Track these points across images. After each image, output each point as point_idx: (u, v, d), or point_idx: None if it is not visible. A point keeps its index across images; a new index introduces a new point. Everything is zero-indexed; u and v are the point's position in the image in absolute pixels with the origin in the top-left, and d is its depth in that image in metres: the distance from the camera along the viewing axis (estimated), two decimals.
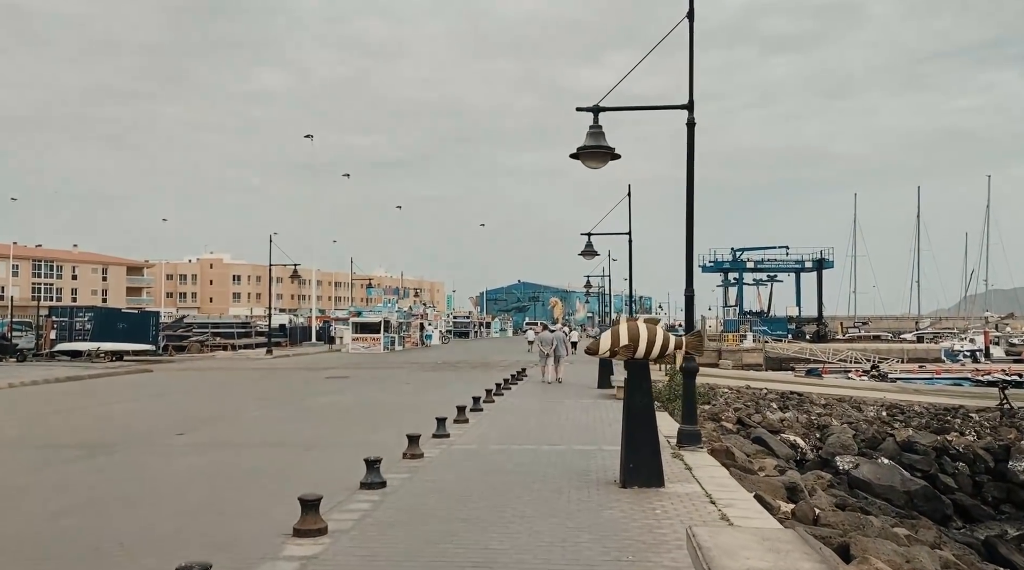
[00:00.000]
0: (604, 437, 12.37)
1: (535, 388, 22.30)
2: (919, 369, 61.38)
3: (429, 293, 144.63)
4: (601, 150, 11.18)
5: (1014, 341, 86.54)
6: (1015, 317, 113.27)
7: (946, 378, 56.84)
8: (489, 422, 14.31)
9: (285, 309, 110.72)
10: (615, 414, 15.57)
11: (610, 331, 8.72)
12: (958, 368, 61.83)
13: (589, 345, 8.97)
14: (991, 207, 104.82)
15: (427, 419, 14.16)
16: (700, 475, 9.18)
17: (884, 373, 57.84)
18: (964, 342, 78.06)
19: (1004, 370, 58.28)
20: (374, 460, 8.54)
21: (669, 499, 7.93)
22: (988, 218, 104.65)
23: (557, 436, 12.55)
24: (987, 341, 78.63)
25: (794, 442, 18.14)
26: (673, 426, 14.28)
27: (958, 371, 60.12)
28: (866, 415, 22.72)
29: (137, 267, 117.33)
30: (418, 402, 18.58)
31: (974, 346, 76.79)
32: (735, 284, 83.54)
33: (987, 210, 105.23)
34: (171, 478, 9.35)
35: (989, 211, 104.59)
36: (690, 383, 11.23)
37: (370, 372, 30.15)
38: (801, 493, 10.48)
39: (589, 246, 26.27)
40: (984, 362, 67.97)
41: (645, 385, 8.60)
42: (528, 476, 9.14)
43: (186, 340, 50.77)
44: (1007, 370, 58.20)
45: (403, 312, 57.02)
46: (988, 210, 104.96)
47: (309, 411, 16.89)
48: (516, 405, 17.35)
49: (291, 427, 13.99)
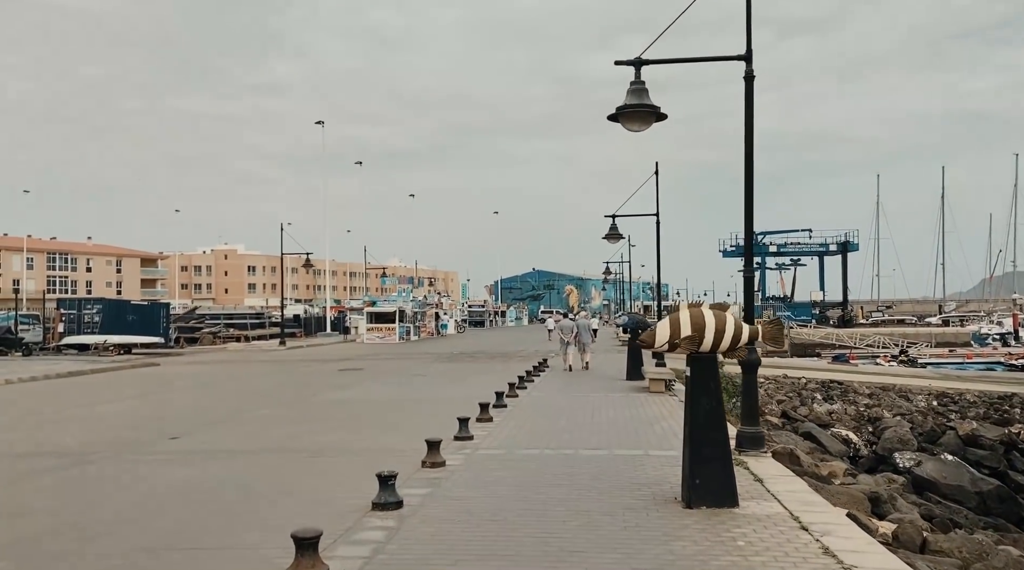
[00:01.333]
0: (648, 439, 10.91)
1: (559, 380, 20.87)
2: (949, 354, 59.53)
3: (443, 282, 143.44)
4: (644, 109, 9.68)
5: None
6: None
7: (978, 363, 55.00)
8: (515, 421, 12.89)
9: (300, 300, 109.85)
10: (654, 410, 14.13)
11: (668, 319, 7.24)
12: (989, 352, 59.89)
13: (643, 336, 7.50)
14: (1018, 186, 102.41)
15: (446, 417, 12.77)
16: (775, 489, 7.70)
17: (913, 358, 56.05)
18: (993, 325, 76.03)
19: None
20: (388, 476, 7.12)
21: (748, 523, 6.48)
22: (1016, 197, 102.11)
23: (594, 438, 11.10)
24: (1016, 324, 76.51)
25: (846, 437, 16.63)
26: None
27: (989, 355, 58.21)
28: (916, 405, 21.14)
29: (151, 259, 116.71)
30: (436, 396, 17.21)
31: (1003, 329, 74.72)
32: (757, 268, 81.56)
33: (1014, 189, 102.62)
34: (148, 497, 7.99)
35: (1017, 190, 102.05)
36: (751, 378, 9.74)
37: (385, 363, 28.83)
38: (885, 504, 9.01)
39: (614, 229, 24.75)
40: (1015, 345, 65.96)
41: (713, 385, 7.12)
42: (570, 491, 7.71)
43: (198, 332, 49.74)
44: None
45: (418, 301, 55.66)
46: (1016, 189, 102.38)
47: (319, 409, 15.54)
48: (542, 400, 15.93)
49: (297, 429, 12.63)
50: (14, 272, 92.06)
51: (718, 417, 7.07)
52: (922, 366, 52.24)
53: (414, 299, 55.09)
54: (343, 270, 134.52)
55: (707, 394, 7.08)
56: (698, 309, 7.20)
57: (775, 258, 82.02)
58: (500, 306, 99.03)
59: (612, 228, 24.57)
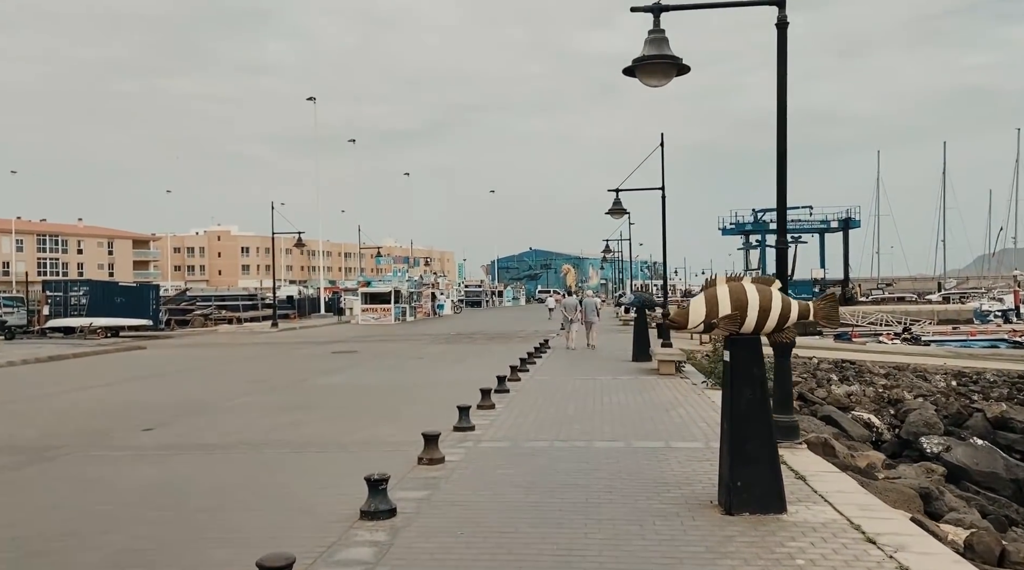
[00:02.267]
0: (667, 429, 9.94)
1: (562, 361, 19.91)
2: (952, 331, 58.85)
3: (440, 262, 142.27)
4: (664, 62, 8.61)
5: None
6: None
7: (981, 340, 54.26)
8: (519, 407, 11.92)
9: (295, 281, 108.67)
10: (667, 395, 13.16)
11: (703, 296, 6.23)
12: (993, 329, 59.19)
13: (673, 316, 6.48)
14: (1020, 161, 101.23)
15: (445, 403, 11.80)
16: (823, 489, 6.73)
17: (917, 336, 55.26)
18: (994, 302, 75.49)
19: None
20: (378, 479, 6.13)
21: (803, 535, 5.50)
22: (1017, 173, 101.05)
23: (608, 427, 10.13)
24: (1017, 300, 75.95)
25: (868, 420, 15.70)
26: None
27: (993, 332, 57.52)
28: (936, 386, 20.22)
29: (143, 241, 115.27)
30: (433, 380, 16.22)
31: (1004, 305, 74.23)
32: (757, 246, 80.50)
33: (1016, 165, 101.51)
34: (105, 503, 6.98)
35: (1018, 166, 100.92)
36: (785, 362, 8.76)
37: (380, 345, 27.84)
38: (937, 501, 8.05)
39: (617, 203, 23.71)
40: (1017, 322, 65.31)
41: (757, 372, 6.12)
42: (589, 494, 6.73)
43: (189, 314, 48.71)
44: None
45: (414, 281, 54.63)
46: (1017, 165, 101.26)
47: (308, 395, 14.55)
48: (547, 383, 14.96)
49: (282, 418, 11.64)
50: (3, 254, 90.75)
51: (763, 409, 6.08)
52: (925, 344, 51.39)
53: (410, 279, 54.07)
54: (338, 251, 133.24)
55: (750, 383, 6.08)
56: (738, 284, 6.19)
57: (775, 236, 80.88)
58: (497, 286, 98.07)
59: (616, 202, 23.53)
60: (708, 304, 6.14)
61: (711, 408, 11.56)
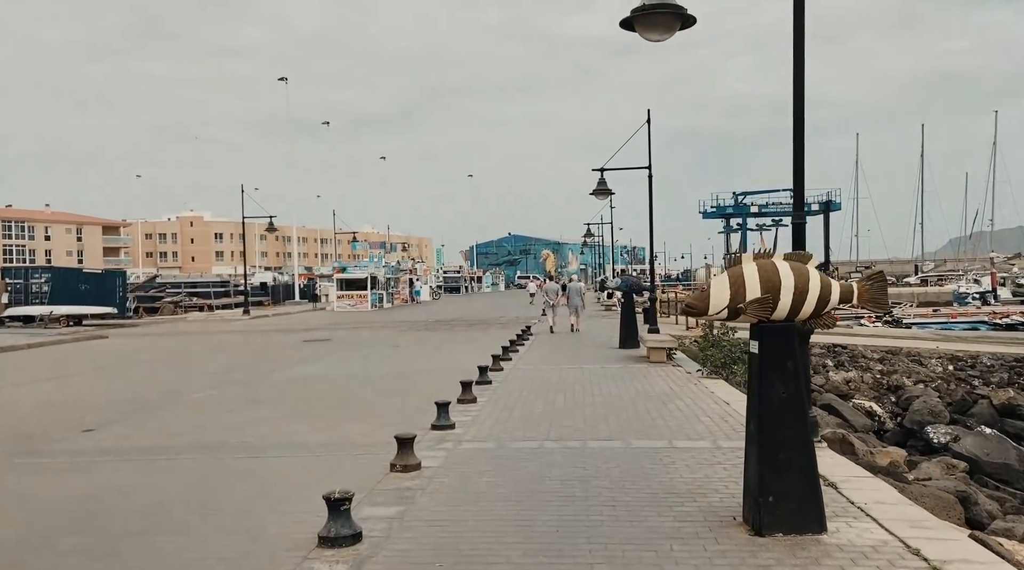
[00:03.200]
0: (667, 424, 8.99)
1: (546, 348, 18.95)
2: (933, 313, 58.80)
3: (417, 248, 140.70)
4: (668, 12, 7.58)
5: (1021, 281, 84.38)
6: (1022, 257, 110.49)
7: (962, 322, 54.23)
8: (504, 400, 10.92)
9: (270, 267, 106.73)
10: (660, 384, 12.23)
11: (726, 276, 5.25)
12: (973, 311, 59.22)
13: (690, 301, 5.49)
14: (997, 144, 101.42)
15: (422, 396, 10.82)
16: (861, 499, 5.80)
17: (899, 318, 55.07)
18: (972, 284, 75.90)
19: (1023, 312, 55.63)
20: (340, 499, 5.09)
21: (854, 563, 4.55)
22: (995, 156, 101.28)
23: (601, 422, 9.17)
24: (994, 282, 76.38)
25: (869, 409, 14.91)
26: (737, 398, 10.97)
27: (973, 314, 57.54)
28: (932, 370, 19.53)
29: (113, 227, 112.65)
30: (410, 371, 15.18)
31: (982, 288, 74.66)
32: (737, 230, 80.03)
33: (993, 148, 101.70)
34: (15, 526, 5.89)
35: (996, 149, 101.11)
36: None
37: (355, 333, 26.72)
38: (975, 506, 7.18)
39: (602, 184, 22.70)
40: (994, 304, 65.48)
41: (791, 366, 5.15)
42: (589, 509, 5.75)
43: (158, 301, 47.20)
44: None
45: (391, 267, 53.39)
46: (995, 148, 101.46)
47: (274, 388, 13.46)
48: (531, 373, 13.98)
49: (243, 415, 10.56)
50: None
51: (798, 410, 5.12)
52: (907, 326, 51.23)
53: (387, 265, 52.82)
54: (313, 237, 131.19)
55: (783, 378, 5.11)
56: (769, 261, 5.21)
57: (756, 219, 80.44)
58: (476, 272, 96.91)
59: (600, 183, 22.52)
60: (733, 286, 5.16)
61: (710, 400, 10.66)
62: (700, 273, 68.89)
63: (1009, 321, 51.32)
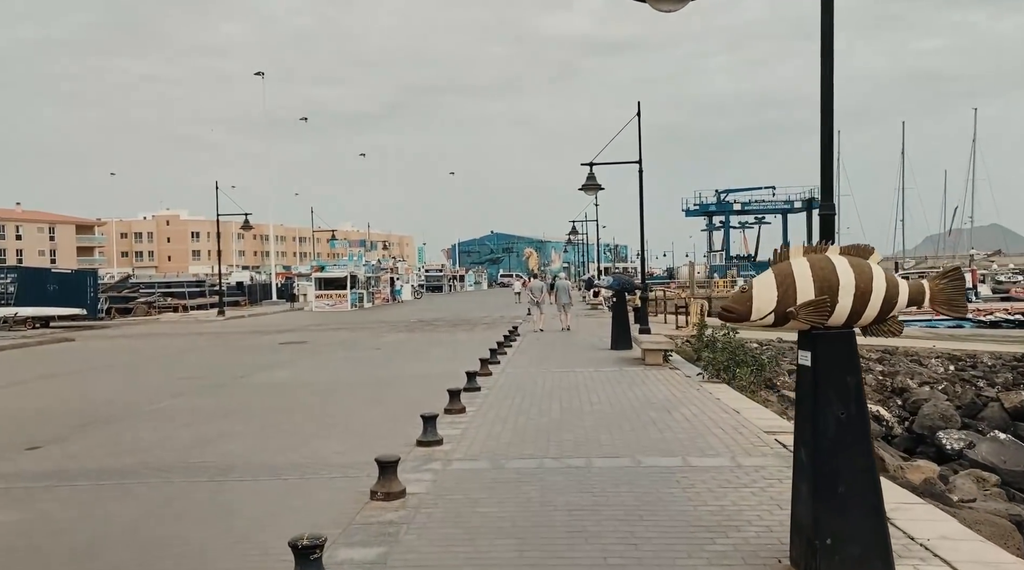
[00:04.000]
0: (677, 437, 8.14)
1: (535, 349, 18.08)
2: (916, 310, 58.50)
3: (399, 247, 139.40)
4: None
5: (1000, 279, 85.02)
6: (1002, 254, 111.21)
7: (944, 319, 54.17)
8: (495, 409, 10.04)
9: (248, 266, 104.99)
10: (662, 390, 11.38)
11: (772, 274, 4.40)
12: None
13: (728, 304, 4.60)
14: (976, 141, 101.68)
15: (406, 406, 9.95)
16: (921, 533, 4.96)
17: None
18: None
19: (1007, 309, 55.69)
20: (308, 547, 4.17)
21: None
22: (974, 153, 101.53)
23: (604, 434, 8.31)
24: (975, 279, 76.66)
25: (877, 413, 14.15)
26: (746, 405, 10.16)
27: None
28: (934, 371, 18.86)
29: (88, 226, 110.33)
30: (391, 376, 14.24)
31: None
32: (720, 228, 79.66)
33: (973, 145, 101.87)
34: None
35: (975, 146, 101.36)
36: None
37: (333, 335, 25.70)
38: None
39: (591, 178, 21.87)
40: (975, 301, 65.60)
41: (851, 381, 4.30)
42: (605, 550, 4.86)
43: (132, 302, 45.84)
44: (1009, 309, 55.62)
45: (371, 266, 52.30)
46: (974, 145, 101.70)
47: (245, 396, 12.48)
48: (522, 378, 13.11)
49: (209, 428, 9.59)
50: None
51: (862, 434, 4.27)
52: None
53: (367, 263, 51.74)
54: (292, 235, 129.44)
55: (843, 396, 4.26)
56: (823, 257, 4.35)
57: (738, 217, 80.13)
58: (458, 270, 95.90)
59: (589, 177, 21.68)
60: (781, 286, 4.30)
61: (717, 407, 9.84)
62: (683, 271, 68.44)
63: (993, 319, 51.24)
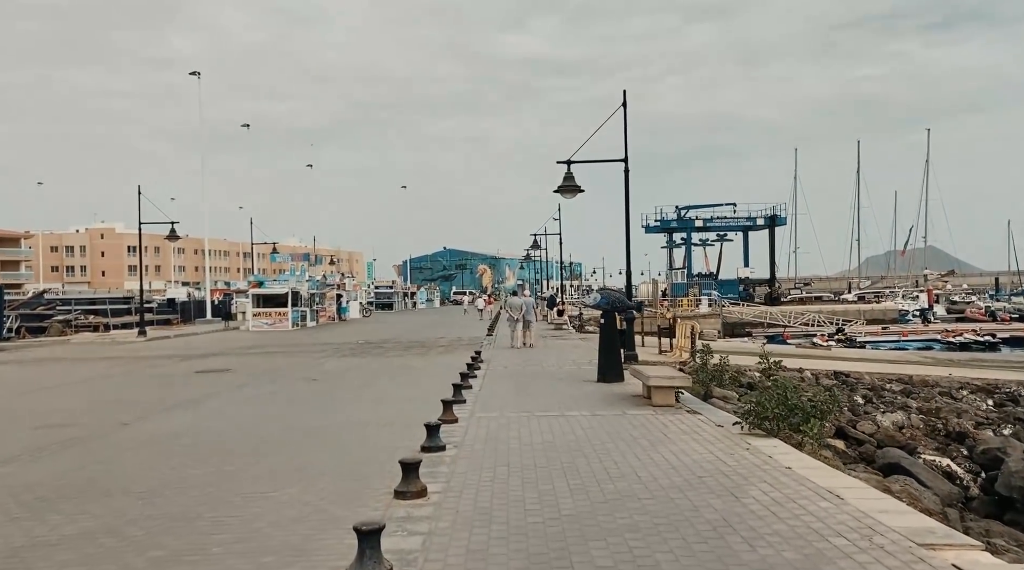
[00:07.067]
0: (781, 558, 4.90)
1: (508, 382, 14.76)
2: (883, 331, 57.46)
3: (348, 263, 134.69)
4: None
5: (954, 299, 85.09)
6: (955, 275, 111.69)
7: (913, 340, 52.83)
8: (471, 494, 6.68)
9: (188, 282, 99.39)
10: (699, 451, 7.92)
11: None
12: (923, 329, 58.18)
13: None
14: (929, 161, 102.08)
15: (336, 480, 6.52)
16: None
17: (852, 337, 53.19)
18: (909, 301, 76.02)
19: (975, 331, 54.55)
20: None
21: None
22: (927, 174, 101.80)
23: (662, 551, 5.03)
24: (931, 300, 76.46)
25: (947, 468, 11.21)
26: (841, 483, 7.02)
27: (923, 332, 56.40)
28: (975, 406, 16.11)
29: (13, 238, 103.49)
30: (323, 426, 10.69)
31: (919, 304, 74.76)
32: (681, 245, 77.57)
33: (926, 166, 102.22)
34: None
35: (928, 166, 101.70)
36: None
37: (264, 360, 22.00)
38: None
39: (569, 178, 18.72)
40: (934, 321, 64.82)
41: None
42: None
43: (47, 320, 41.22)
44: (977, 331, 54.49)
45: (315, 282, 48.37)
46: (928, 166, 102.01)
47: (113, 460, 8.87)
48: (500, 429, 9.76)
49: (30, 528, 6.03)
50: None
51: None
52: (861, 345, 49.19)
53: (311, 279, 47.81)
54: (236, 250, 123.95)
55: None
56: None
57: (700, 234, 78.14)
58: (410, 287, 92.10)
59: (567, 177, 18.53)
60: None
61: (803, 488, 6.62)
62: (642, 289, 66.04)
63: (962, 340, 49.87)
